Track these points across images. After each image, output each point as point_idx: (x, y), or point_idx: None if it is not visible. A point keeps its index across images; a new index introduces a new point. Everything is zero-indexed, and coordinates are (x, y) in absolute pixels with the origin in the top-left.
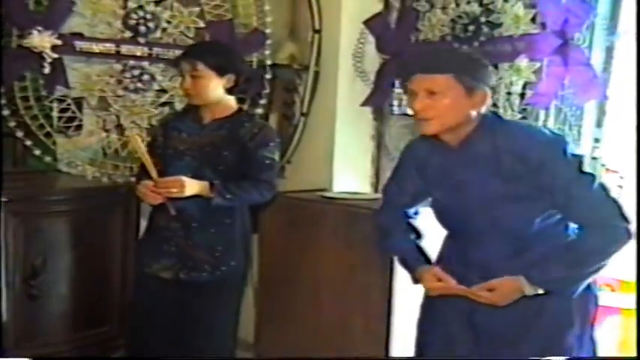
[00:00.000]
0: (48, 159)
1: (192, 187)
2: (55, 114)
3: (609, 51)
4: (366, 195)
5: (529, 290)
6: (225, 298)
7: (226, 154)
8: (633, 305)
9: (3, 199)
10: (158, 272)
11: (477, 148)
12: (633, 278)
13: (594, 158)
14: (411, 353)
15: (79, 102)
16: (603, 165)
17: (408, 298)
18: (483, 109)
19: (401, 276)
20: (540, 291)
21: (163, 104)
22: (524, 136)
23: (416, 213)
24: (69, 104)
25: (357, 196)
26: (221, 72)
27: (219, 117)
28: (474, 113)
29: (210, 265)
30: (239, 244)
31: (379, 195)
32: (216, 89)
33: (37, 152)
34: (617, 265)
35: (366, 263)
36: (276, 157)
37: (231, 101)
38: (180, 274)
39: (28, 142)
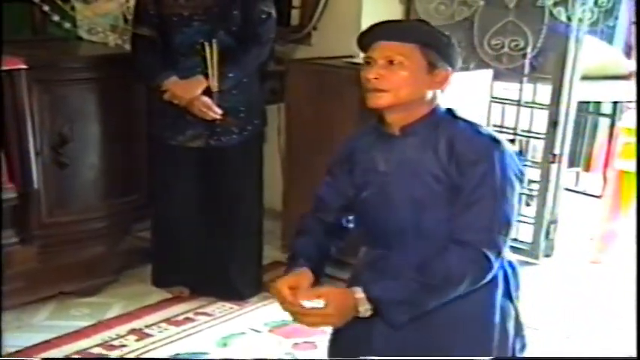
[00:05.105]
0: (67, 25)
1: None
2: None
3: None
4: None
5: (363, 309)
6: (253, 158)
7: (236, 13)
8: None
9: (24, 67)
10: (185, 143)
11: (417, 136)
12: None
13: None
14: None
15: None
16: None
17: None
18: (441, 94)
19: None
20: (369, 313)
21: None
22: (468, 136)
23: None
24: None
25: None
26: None
27: None
28: (429, 95)
29: (237, 127)
30: (257, 103)
31: None
32: None
33: (56, 18)
34: None
35: None
36: (273, 11)
37: None
38: (210, 141)
39: (46, 8)
